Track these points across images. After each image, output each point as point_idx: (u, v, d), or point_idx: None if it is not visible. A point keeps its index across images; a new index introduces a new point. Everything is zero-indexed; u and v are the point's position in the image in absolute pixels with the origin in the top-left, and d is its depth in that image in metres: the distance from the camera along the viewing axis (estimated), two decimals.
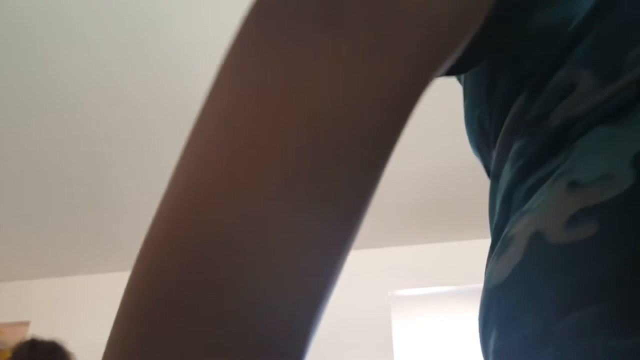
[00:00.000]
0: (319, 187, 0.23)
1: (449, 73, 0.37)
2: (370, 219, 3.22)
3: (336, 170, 0.23)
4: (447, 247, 3.54)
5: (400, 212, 3.22)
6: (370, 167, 0.25)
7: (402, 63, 0.25)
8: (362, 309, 3.43)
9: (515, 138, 0.33)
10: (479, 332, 0.30)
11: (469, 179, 2.86)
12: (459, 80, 0.44)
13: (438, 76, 0.39)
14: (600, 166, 0.25)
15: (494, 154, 0.36)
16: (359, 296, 3.46)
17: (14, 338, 4.00)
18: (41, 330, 3.75)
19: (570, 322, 0.22)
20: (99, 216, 3.20)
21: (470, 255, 3.44)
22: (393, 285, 3.50)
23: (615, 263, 0.22)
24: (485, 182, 2.54)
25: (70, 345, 3.68)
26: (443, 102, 2.34)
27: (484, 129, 0.38)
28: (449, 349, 4.36)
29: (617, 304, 0.21)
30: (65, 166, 2.75)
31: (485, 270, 0.32)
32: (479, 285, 3.38)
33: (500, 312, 0.27)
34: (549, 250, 0.25)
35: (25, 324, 3.83)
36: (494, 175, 0.37)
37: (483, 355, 0.29)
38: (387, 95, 0.25)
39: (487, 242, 3.29)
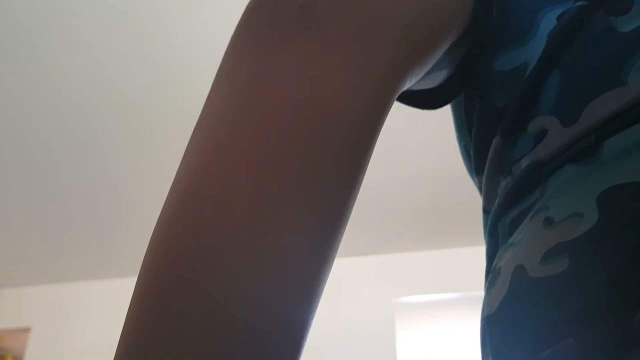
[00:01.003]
0: (305, 179, 0.24)
1: (429, 107, 0.43)
2: (374, 226, 3.21)
3: (319, 165, 0.25)
4: (451, 253, 3.52)
5: (404, 218, 3.20)
6: (353, 159, 0.27)
7: (376, 62, 0.28)
8: (366, 316, 3.41)
9: (501, 177, 0.37)
10: (480, 352, 0.33)
11: (474, 184, 2.84)
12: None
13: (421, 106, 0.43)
14: (570, 204, 0.28)
15: (482, 189, 0.40)
16: (362, 303, 3.44)
17: (14, 344, 3.98)
18: (42, 336, 3.73)
19: (549, 354, 0.24)
20: (100, 221, 3.19)
21: (475, 262, 3.42)
22: (397, 292, 3.48)
23: (582, 299, 0.24)
24: None
25: (72, 351, 3.67)
26: (447, 107, 2.33)
27: (470, 156, 0.42)
28: (454, 357, 4.33)
29: (584, 339, 0.23)
30: (66, 170, 2.75)
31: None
32: (484, 292, 3.35)
33: (493, 341, 0.30)
34: (529, 283, 0.27)
35: (27, 330, 3.81)
36: (484, 209, 0.40)
37: None
38: (362, 91, 0.27)
39: None
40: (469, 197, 2.99)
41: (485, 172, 0.39)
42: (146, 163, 2.71)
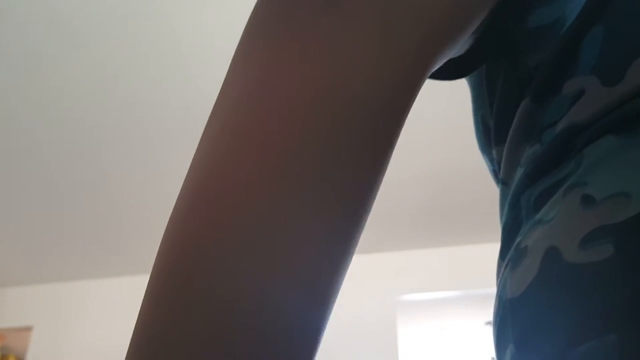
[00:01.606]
0: (327, 169, 0.23)
1: (453, 76, 0.39)
2: (376, 223, 3.21)
3: (342, 154, 0.24)
4: (453, 251, 3.52)
5: (407, 216, 3.20)
6: (378, 148, 0.25)
7: (403, 44, 0.26)
8: (368, 314, 3.42)
9: (527, 145, 0.33)
10: (494, 338, 0.30)
11: (476, 182, 2.84)
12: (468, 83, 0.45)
13: (446, 78, 0.39)
14: (614, 182, 0.25)
15: (502, 160, 0.36)
16: (364, 301, 3.44)
17: (17, 343, 3.99)
18: (44, 335, 3.74)
19: (588, 349, 0.22)
20: (102, 220, 3.19)
21: (476, 260, 3.42)
22: (399, 290, 3.48)
23: (628, 292, 0.21)
24: (492, 186, 2.53)
25: (74, 349, 3.68)
26: (450, 105, 2.32)
27: (488, 127, 0.38)
28: (455, 355, 4.33)
29: (629, 335, 0.21)
30: (67, 170, 2.74)
31: (498, 275, 0.32)
32: (486, 290, 3.36)
33: (516, 327, 0.27)
34: (564, 269, 0.25)
35: (29, 329, 3.82)
36: (503, 181, 0.37)
37: None
38: (389, 76, 0.25)
39: (494, 246, 3.27)
40: (471, 195, 2.98)
41: (508, 140, 0.35)
42: (146, 163, 2.71)
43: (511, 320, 0.28)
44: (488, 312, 3.93)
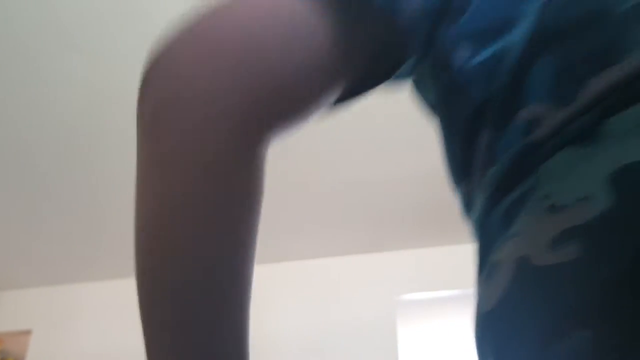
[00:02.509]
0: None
1: (370, 87, 0.43)
2: (376, 223, 3.21)
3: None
4: (453, 250, 3.52)
5: (405, 215, 3.20)
6: (217, 236, 0.37)
7: (212, 153, 0.33)
8: (367, 314, 3.41)
9: (488, 172, 0.35)
10: (476, 353, 0.32)
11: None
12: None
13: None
14: (576, 188, 0.25)
15: (468, 192, 0.38)
16: (364, 301, 3.44)
17: (15, 347, 3.97)
18: (43, 339, 3.72)
19: (562, 348, 0.22)
20: (101, 223, 3.18)
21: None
22: (399, 290, 3.47)
23: (594, 289, 0.22)
24: None
25: (73, 353, 3.66)
26: None
27: (457, 161, 0.40)
28: (455, 354, 4.33)
29: (601, 331, 0.21)
30: (65, 173, 2.74)
31: (475, 292, 0.34)
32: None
33: (493, 340, 0.28)
34: (534, 273, 0.25)
35: (27, 332, 3.80)
36: (469, 209, 0.39)
37: None
38: (221, 159, 0.34)
39: None
40: None
41: (472, 172, 0.37)
42: None
43: (489, 334, 0.29)
44: None
